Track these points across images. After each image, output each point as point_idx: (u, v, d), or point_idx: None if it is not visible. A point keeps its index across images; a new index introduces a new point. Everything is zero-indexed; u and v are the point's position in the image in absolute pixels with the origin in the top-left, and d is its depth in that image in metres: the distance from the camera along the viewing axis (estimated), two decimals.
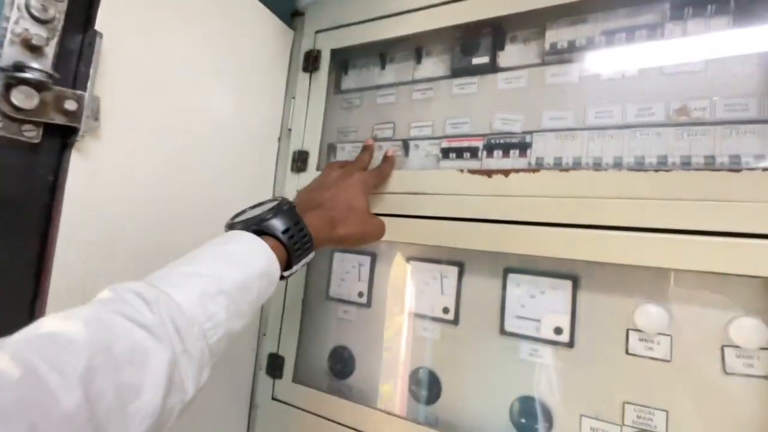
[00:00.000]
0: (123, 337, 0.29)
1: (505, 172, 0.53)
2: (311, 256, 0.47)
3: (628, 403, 0.47)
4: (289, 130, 0.73)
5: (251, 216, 0.44)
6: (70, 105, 0.44)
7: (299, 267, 0.45)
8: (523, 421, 0.51)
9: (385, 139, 0.68)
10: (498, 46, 0.61)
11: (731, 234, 0.41)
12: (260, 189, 0.73)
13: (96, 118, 0.48)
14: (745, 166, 0.43)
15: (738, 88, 0.46)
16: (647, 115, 0.50)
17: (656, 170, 0.45)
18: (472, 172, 0.55)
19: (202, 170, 0.62)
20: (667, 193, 0.44)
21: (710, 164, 0.45)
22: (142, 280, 0.35)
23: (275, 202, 0.46)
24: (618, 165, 0.50)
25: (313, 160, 0.69)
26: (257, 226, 0.43)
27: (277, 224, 0.43)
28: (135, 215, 0.54)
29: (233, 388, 0.69)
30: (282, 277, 0.44)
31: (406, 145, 0.66)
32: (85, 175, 0.48)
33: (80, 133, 0.45)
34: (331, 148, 0.73)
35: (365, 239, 0.54)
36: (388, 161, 0.62)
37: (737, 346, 0.42)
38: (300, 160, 0.70)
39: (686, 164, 0.46)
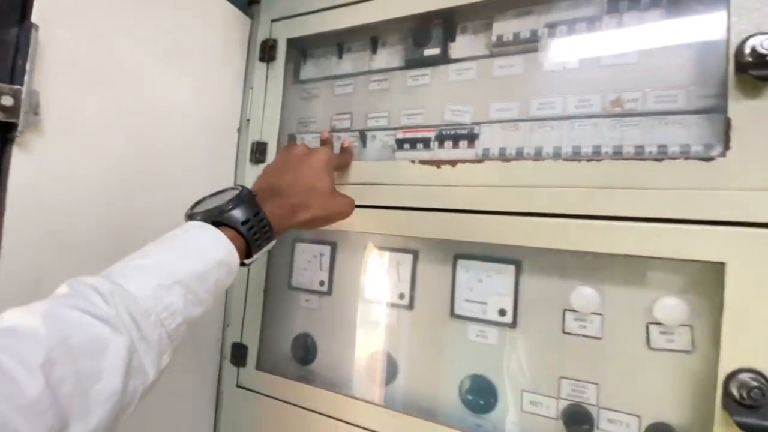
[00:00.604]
0: (79, 329, 0.31)
1: (453, 163, 0.55)
2: (272, 243, 0.48)
3: (564, 377, 0.50)
4: (248, 120, 0.73)
5: (211, 207, 0.45)
6: (6, 100, 0.43)
7: (260, 255, 0.47)
8: (470, 397, 0.55)
9: (343, 130, 0.69)
10: (449, 37, 0.62)
11: (656, 220, 0.44)
12: (220, 180, 0.72)
13: (36, 113, 0.47)
14: (669, 156, 0.46)
15: (668, 80, 0.48)
16: (586, 106, 0.52)
17: (589, 160, 0.48)
18: (423, 162, 0.57)
19: (157, 162, 0.62)
20: (600, 182, 0.47)
21: (640, 154, 0.48)
22: (99, 274, 0.36)
23: (236, 192, 0.47)
24: (557, 155, 0.52)
25: (271, 151, 0.70)
26: (217, 218, 0.44)
27: (237, 215, 0.44)
28: (87, 209, 0.54)
29: (200, 378, 0.71)
30: (243, 264, 0.45)
31: (363, 136, 0.67)
32: (28, 170, 0.47)
33: (19, 128, 0.44)
34: (291, 139, 0.73)
35: (331, 219, 0.54)
36: (346, 152, 0.62)
37: (660, 324, 0.46)
38: (258, 152, 0.70)
39: (618, 154, 0.49)
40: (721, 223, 0.41)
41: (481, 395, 0.54)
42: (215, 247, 0.41)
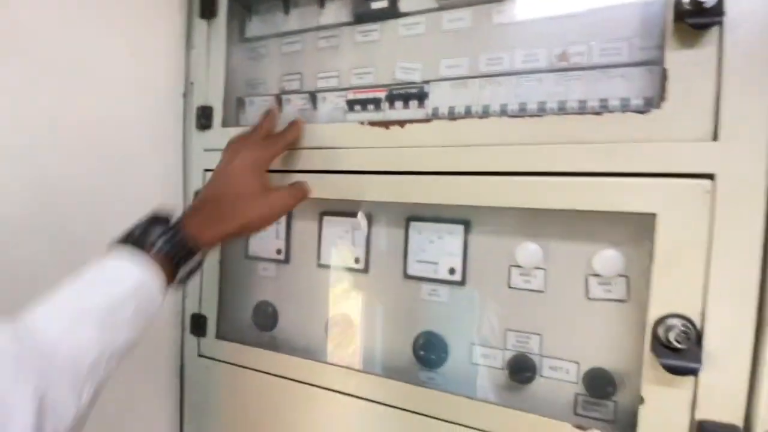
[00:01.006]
0: None
1: (401, 123, 0.53)
2: (198, 258, 0.46)
3: (510, 330, 0.52)
4: (192, 84, 0.69)
5: (126, 232, 0.44)
6: None
7: (186, 272, 0.46)
8: (423, 353, 0.56)
9: (292, 92, 0.66)
10: None
11: (594, 174, 0.44)
12: (166, 149, 0.69)
13: None
14: (609, 109, 0.46)
15: (613, 32, 0.47)
16: (532, 60, 0.51)
17: (533, 116, 0.47)
18: (372, 124, 0.55)
19: (91, 131, 0.58)
20: (543, 138, 0.46)
21: (582, 108, 0.48)
22: (6, 320, 0.35)
23: (150, 215, 0.46)
24: (503, 112, 0.51)
25: (218, 116, 0.66)
26: (133, 241, 0.43)
27: (150, 237, 0.43)
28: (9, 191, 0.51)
29: (161, 350, 0.70)
30: (178, 282, 0.45)
31: (313, 97, 0.64)
32: None
33: None
34: (240, 103, 0.70)
35: (267, 219, 0.52)
36: (294, 126, 0.57)
37: (599, 275, 0.48)
38: (204, 117, 0.66)
39: (562, 109, 0.48)
40: (653, 175, 0.42)
41: (433, 351, 0.56)
42: (129, 272, 0.40)
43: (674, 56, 0.41)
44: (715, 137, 0.39)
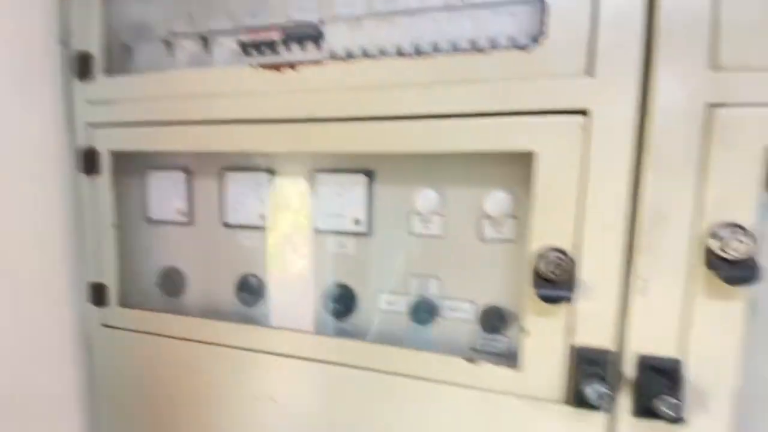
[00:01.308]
0: None
1: (293, 65, 0.50)
2: None
3: (412, 275, 0.53)
4: (70, 29, 0.61)
5: None
6: None
7: None
8: (333, 305, 0.56)
9: (183, 35, 0.60)
10: None
11: (480, 114, 0.44)
12: (42, 103, 0.61)
13: None
14: (496, 47, 0.45)
15: None
16: None
17: (425, 56, 0.45)
18: (264, 66, 0.52)
19: None
20: (435, 79, 0.45)
21: (473, 47, 0.47)
22: None
23: None
24: (399, 53, 0.49)
25: (99, 65, 0.60)
26: None
27: None
28: None
29: (59, 322, 0.65)
30: None
31: (206, 41, 0.59)
32: None
33: None
34: (126, 49, 0.63)
35: None
36: None
37: (491, 217, 0.49)
38: (82, 65, 0.59)
39: (455, 49, 0.47)
40: (533, 113, 0.42)
41: (342, 302, 0.56)
42: None
43: None
44: (590, 73, 0.40)
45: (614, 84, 0.39)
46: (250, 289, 0.60)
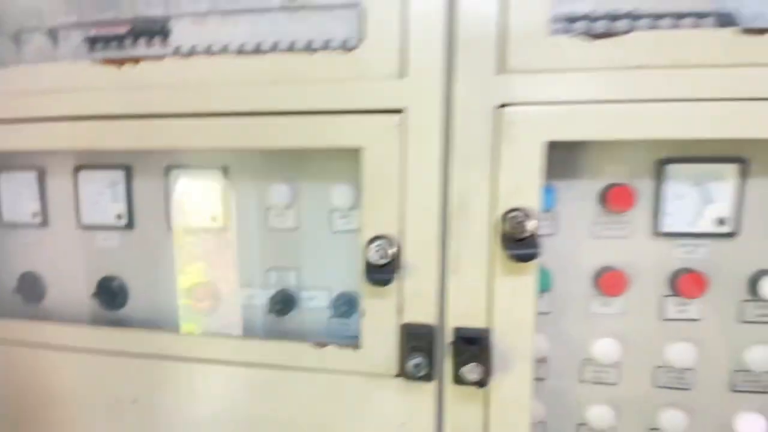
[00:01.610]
0: None
1: (136, 60, 0.50)
2: None
3: (271, 269, 0.55)
4: None
5: None
6: None
7: None
8: (193, 302, 0.57)
9: (32, 29, 0.57)
10: None
11: (313, 112, 0.46)
12: None
13: None
14: (326, 49, 0.48)
15: None
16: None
17: (263, 54, 0.47)
18: (106, 62, 0.51)
19: None
20: (273, 77, 0.46)
21: (308, 48, 0.49)
22: None
23: None
24: (241, 51, 0.51)
25: None
26: None
27: None
28: None
29: None
30: None
31: (54, 35, 0.56)
32: None
33: None
34: (17, 40, 0.58)
35: None
36: None
37: (339, 209, 0.52)
38: None
39: (292, 49, 0.49)
40: (359, 112, 0.45)
41: (203, 298, 0.57)
42: None
43: None
44: (403, 75, 0.44)
45: (424, 86, 0.43)
46: (108, 291, 0.59)
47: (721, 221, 0.45)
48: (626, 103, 0.40)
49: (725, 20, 0.42)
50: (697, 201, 0.45)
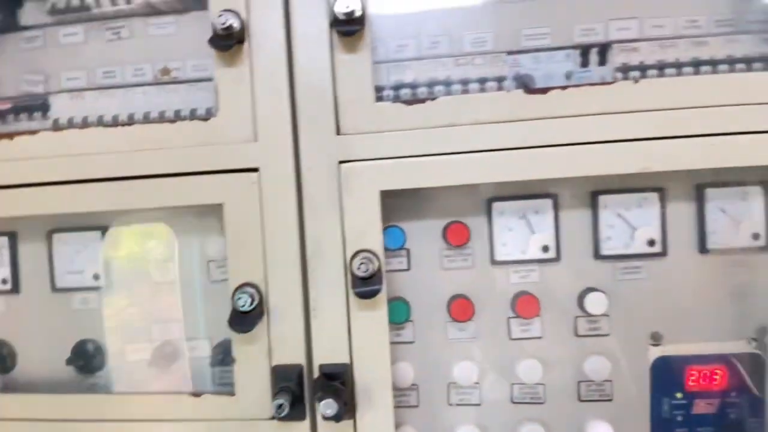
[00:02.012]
0: None
1: (10, 135, 0.53)
2: None
3: (156, 322, 0.57)
4: None
5: None
6: None
7: None
8: (81, 362, 0.58)
9: None
10: (16, 2, 0.58)
11: (175, 175, 0.50)
12: None
13: None
14: (191, 118, 0.53)
15: (201, 51, 0.54)
16: (140, 75, 0.56)
17: (132, 125, 0.52)
18: None
19: None
20: (140, 145, 0.50)
21: (178, 116, 0.54)
22: None
23: None
24: (115, 122, 0.55)
25: None
26: None
27: None
28: None
29: None
30: None
31: None
32: None
33: None
34: None
35: None
36: None
37: (214, 260, 0.56)
38: None
39: (162, 118, 0.55)
40: (217, 172, 0.50)
41: (88, 357, 0.57)
42: None
43: (221, 72, 0.50)
44: (256, 138, 0.50)
45: (275, 147, 0.49)
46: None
47: (545, 248, 0.52)
48: (440, 155, 0.47)
49: (522, 81, 0.51)
50: (524, 232, 0.52)
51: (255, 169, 0.49)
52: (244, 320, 0.48)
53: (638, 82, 0.46)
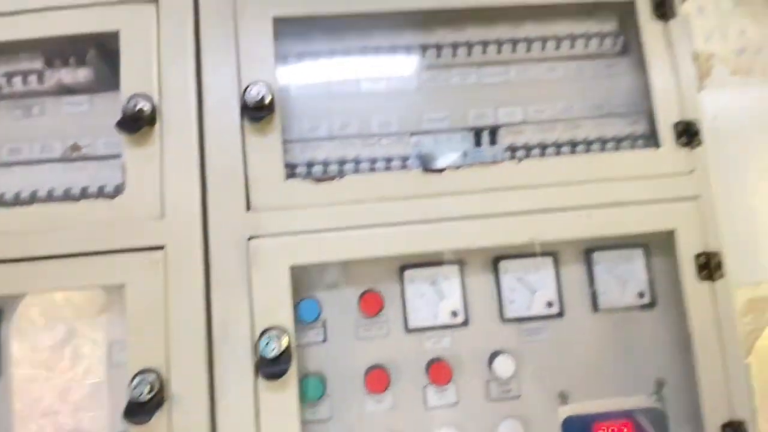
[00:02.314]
0: None
1: None
2: None
3: (43, 415, 0.52)
4: None
5: None
6: None
7: None
8: None
9: None
10: None
11: (78, 255, 0.48)
12: None
13: None
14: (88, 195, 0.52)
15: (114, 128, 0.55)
16: (49, 151, 0.55)
17: (28, 203, 0.50)
18: None
19: None
20: (40, 226, 0.49)
21: (84, 194, 0.53)
22: None
23: None
24: (17, 200, 0.53)
25: None
26: None
27: None
28: None
29: None
30: None
31: None
32: None
33: None
34: None
35: None
36: None
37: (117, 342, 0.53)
38: None
39: (68, 195, 0.54)
40: (122, 251, 0.49)
41: None
42: None
43: (130, 152, 0.50)
44: (163, 216, 0.50)
45: (182, 224, 0.49)
46: None
47: (454, 313, 0.54)
48: (347, 230, 0.50)
49: (423, 160, 0.56)
50: (434, 298, 0.55)
51: (161, 247, 0.49)
52: (141, 410, 0.45)
53: (521, 162, 0.53)
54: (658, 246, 0.56)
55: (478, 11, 0.57)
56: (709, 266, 0.52)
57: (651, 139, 0.56)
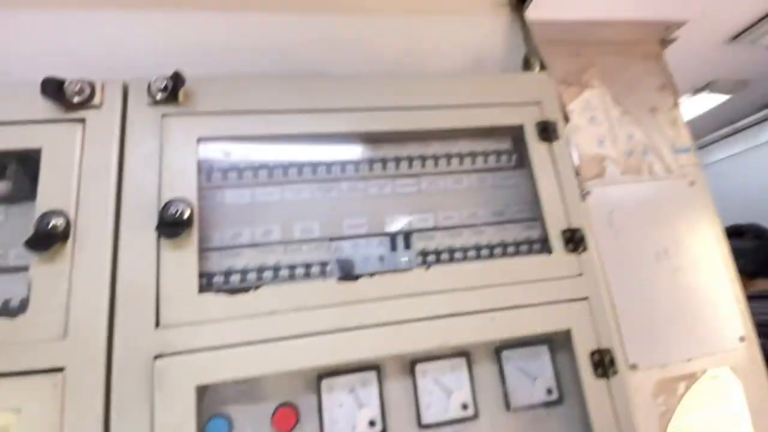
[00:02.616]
0: None
1: None
2: None
3: None
4: None
5: None
6: None
7: None
8: None
9: None
10: None
11: None
12: None
13: None
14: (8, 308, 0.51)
15: None
16: None
17: None
18: None
19: None
20: None
21: None
22: None
23: None
24: None
25: None
26: None
27: None
28: None
29: None
30: None
31: None
32: None
33: None
34: None
35: None
36: None
37: None
38: None
39: None
40: (19, 374, 0.46)
41: None
42: None
43: (38, 269, 0.49)
44: (65, 336, 0.48)
45: (85, 344, 0.48)
46: None
47: (372, 423, 0.54)
48: (261, 343, 0.50)
49: (343, 266, 0.59)
50: (352, 407, 0.54)
51: (60, 369, 0.47)
52: None
53: (430, 268, 0.57)
54: (560, 343, 0.60)
55: (392, 133, 0.64)
56: (603, 363, 0.56)
57: (545, 243, 0.63)
